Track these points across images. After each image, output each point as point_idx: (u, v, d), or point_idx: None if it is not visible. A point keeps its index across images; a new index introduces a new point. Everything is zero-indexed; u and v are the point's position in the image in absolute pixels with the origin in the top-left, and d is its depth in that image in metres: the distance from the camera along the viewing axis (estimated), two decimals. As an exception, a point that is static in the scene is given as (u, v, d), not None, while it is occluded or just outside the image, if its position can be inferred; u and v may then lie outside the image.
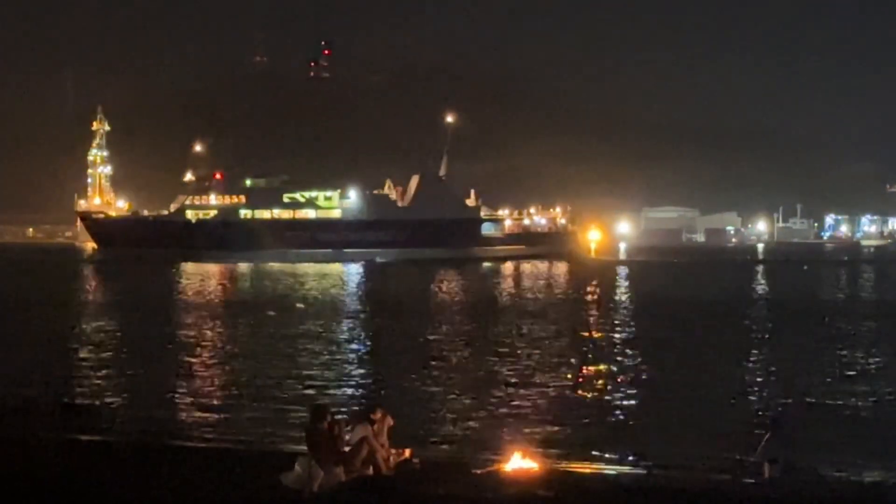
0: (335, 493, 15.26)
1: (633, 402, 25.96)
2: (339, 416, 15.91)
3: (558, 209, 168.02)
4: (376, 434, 15.91)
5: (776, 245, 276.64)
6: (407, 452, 16.33)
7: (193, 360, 34.44)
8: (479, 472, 16.02)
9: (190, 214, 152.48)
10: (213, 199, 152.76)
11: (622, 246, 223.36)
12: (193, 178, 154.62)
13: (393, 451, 16.16)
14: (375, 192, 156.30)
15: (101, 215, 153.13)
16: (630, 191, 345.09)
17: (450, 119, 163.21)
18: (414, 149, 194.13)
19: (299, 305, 59.31)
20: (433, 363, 33.44)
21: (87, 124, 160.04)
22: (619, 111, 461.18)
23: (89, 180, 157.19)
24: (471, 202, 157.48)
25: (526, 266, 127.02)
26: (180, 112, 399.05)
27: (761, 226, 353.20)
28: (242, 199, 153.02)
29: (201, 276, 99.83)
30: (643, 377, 30.25)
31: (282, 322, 48.51)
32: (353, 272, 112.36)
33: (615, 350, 37.62)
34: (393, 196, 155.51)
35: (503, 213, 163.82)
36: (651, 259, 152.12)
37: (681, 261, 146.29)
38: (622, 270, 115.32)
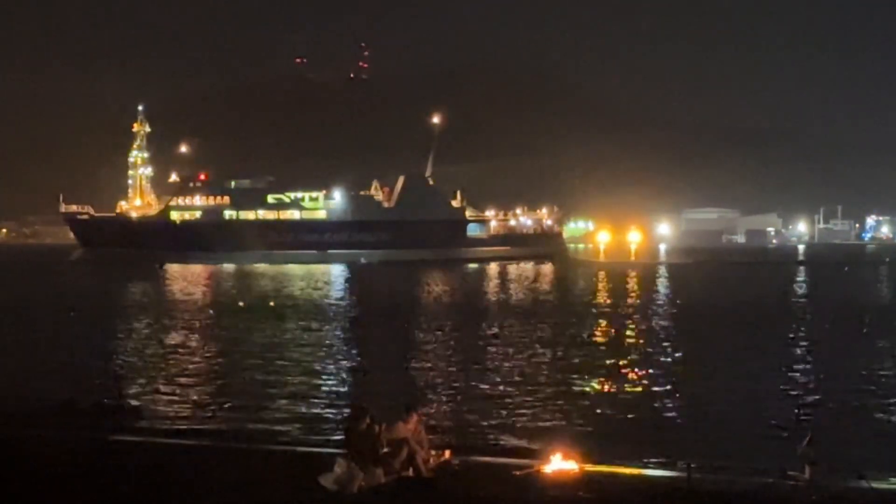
0: (375, 494, 15.13)
1: (673, 403, 25.73)
2: (379, 417, 15.71)
3: (544, 210, 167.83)
4: (415, 435, 15.79)
5: (817, 246, 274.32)
6: (447, 454, 16.21)
7: (222, 360, 34.12)
8: (518, 473, 15.91)
9: (175, 215, 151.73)
10: (198, 199, 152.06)
11: (662, 247, 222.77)
12: (178, 179, 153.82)
13: (433, 452, 16.04)
14: (362, 192, 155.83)
15: (86, 216, 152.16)
16: (670, 192, 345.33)
17: (436, 120, 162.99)
18: (405, 149, 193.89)
19: (277, 308, 59.00)
20: (473, 364, 33.18)
21: (127, 126, 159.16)
22: (658, 112, 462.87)
23: (130, 182, 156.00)
24: (457, 203, 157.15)
25: (512, 267, 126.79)
26: (217, 113, 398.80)
27: (802, 227, 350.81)
28: (227, 199, 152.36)
29: (194, 278, 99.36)
30: (683, 379, 30.00)
31: (309, 324, 48.19)
32: (338, 273, 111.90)
33: (655, 352, 37.34)
34: (378, 197, 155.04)
35: (489, 214, 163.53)
36: (690, 260, 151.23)
37: (720, 262, 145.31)
38: (662, 271, 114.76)
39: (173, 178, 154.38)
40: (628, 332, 43.99)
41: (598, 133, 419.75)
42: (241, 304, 60.47)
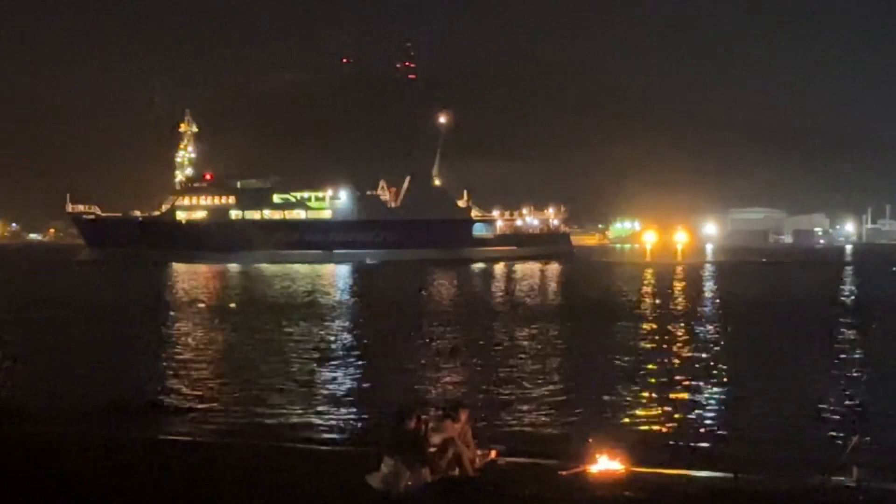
0: (421, 493, 15.08)
1: (720, 403, 25.55)
2: (425, 417, 15.67)
3: (551, 210, 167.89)
4: (462, 435, 15.74)
5: (864, 246, 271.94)
6: (493, 453, 16.16)
7: (266, 359, 34.03)
8: (564, 473, 15.85)
9: (180, 215, 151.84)
10: (204, 199, 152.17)
11: (708, 247, 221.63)
12: (184, 179, 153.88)
13: (479, 452, 15.99)
14: (369, 193, 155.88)
15: (92, 216, 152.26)
16: (717, 192, 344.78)
17: (443, 120, 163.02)
18: (414, 149, 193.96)
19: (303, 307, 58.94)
20: (515, 364, 33.05)
21: (174, 126, 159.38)
22: (705, 112, 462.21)
23: (177, 181, 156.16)
24: (463, 203, 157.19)
25: (519, 266, 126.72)
26: (264, 114, 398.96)
27: (849, 227, 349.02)
28: (232, 199, 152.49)
29: (216, 276, 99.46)
30: (730, 379, 29.78)
31: (343, 324, 48.15)
32: (347, 272, 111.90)
33: (701, 351, 37.03)
34: (385, 197, 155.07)
35: (495, 214, 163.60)
36: (737, 260, 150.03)
37: (767, 262, 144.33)
38: (708, 271, 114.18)
39: (179, 177, 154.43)
40: (674, 332, 43.64)
41: (644, 133, 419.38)
42: (231, 305, 60.42)
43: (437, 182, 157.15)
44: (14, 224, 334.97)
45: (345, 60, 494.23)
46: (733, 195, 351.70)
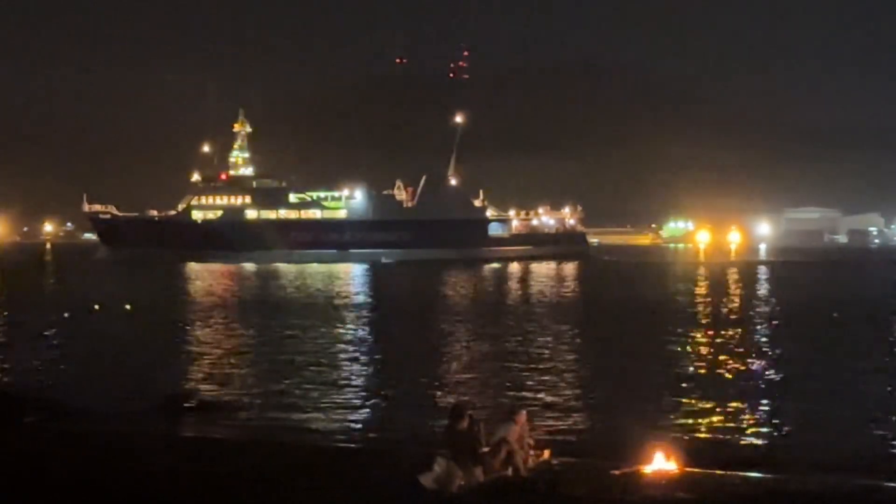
0: (474, 493, 15.01)
1: (776, 404, 25.33)
2: (479, 417, 15.62)
3: (567, 209, 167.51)
4: (517, 435, 15.67)
5: None
6: (546, 453, 16.08)
7: (313, 358, 33.99)
8: (617, 473, 15.78)
9: (196, 215, 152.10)
10: (220, 199, 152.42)
11: (762, 247, 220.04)
12: (200, 178, 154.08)
13: (532, 451, 15.92)
14: (385, 192, 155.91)
15: (109, 216, 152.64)
16: (771, 192, 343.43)
17: (458, 119, 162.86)
18: (429, 149, 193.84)
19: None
20: (567, 364, 33.01)
21: (228, 126, 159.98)
22: (759, 111, 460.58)
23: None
24: (479, 203, 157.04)
25: (536, 266, 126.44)
26: (316, 114, 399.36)
27: None
28: (248, 199, 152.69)
29: (239, 276, 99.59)
30: (786, 380, 29.58)
31: (388, 324, 48.13)
32: (361, 273, 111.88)
33: (758, 351, 36.82)
34: (401, 196, 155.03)
35: (511, 213, 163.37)
36: (791, 259, 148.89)
37: (821, 261, 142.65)
38: (762, 271, 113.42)
39: (195, 177, 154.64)
40: (730, 332, 43.34)
41: (698, 132, 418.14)
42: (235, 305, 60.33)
43: (452, 182, 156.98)
44: (69, 224, 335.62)
45: (399, 61, 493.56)
46: (787, 195, 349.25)
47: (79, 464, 15.27)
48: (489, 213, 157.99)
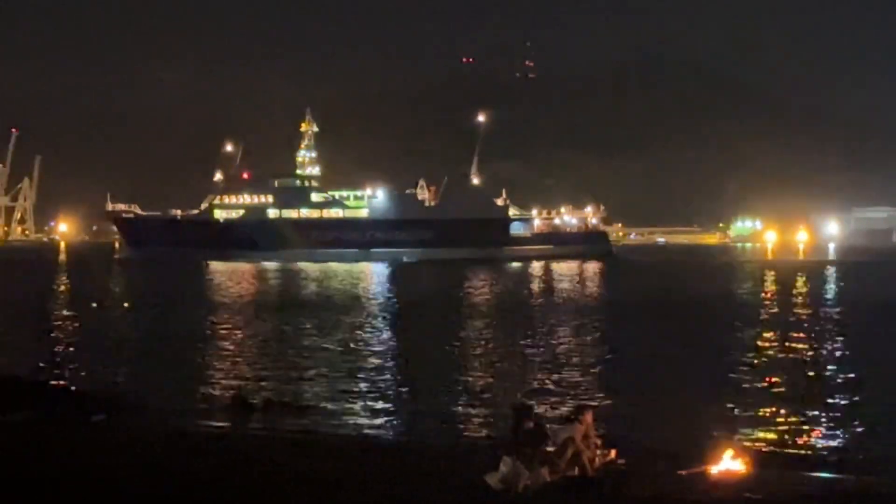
0: (540, 493, 14.89)
1: (845, 404, 25.11)
2: (544, 416, 15.51)
3: (589, 209, 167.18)
4: (583, 434, 15.54)
5: None
6: (612, 453, 15.92)
7: (373, 356, 33.96)
8: (684, 472, 15.62)
9: (218, 214, 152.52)
10: (242, 198, 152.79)
11: (830, 247, 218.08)
12: (222, 178, 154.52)
13: (598, 451, 15.78)
14: (408, 191, 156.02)
15: (131, 215, 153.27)
16: (840, 191, 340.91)
17: (481, 119, 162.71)
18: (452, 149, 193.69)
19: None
20: (630, 363, 32.84)
21: (294, 126, 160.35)
22: (827, 109, 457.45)
23: (297, 181, 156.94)
24: (501, 202, 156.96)
25: (558, 266, 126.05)
26: (383, 114, 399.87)
27: None
28: (270, 198, 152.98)
29: (267, 275, 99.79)
30: (856, 379, 29.22)
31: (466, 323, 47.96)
32: (381, 272, 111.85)
33: (827, 350, 36.57)
34: (423, 196, 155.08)
35: (533, 212, 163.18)
36: (860, 259, 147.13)
37: (891, 261, 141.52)
38: (831, 271, 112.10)
39: (217, 176, 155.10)
40: (799, 332, 42.91)
41: (765, 130, 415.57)
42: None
43: (475, 181, 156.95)
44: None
45: (465, 60, 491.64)
46: (857, 194, 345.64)
47: (161, 461, 15.27)
48: (511, 212, 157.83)
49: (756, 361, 33.03)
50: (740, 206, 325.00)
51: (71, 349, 36.39)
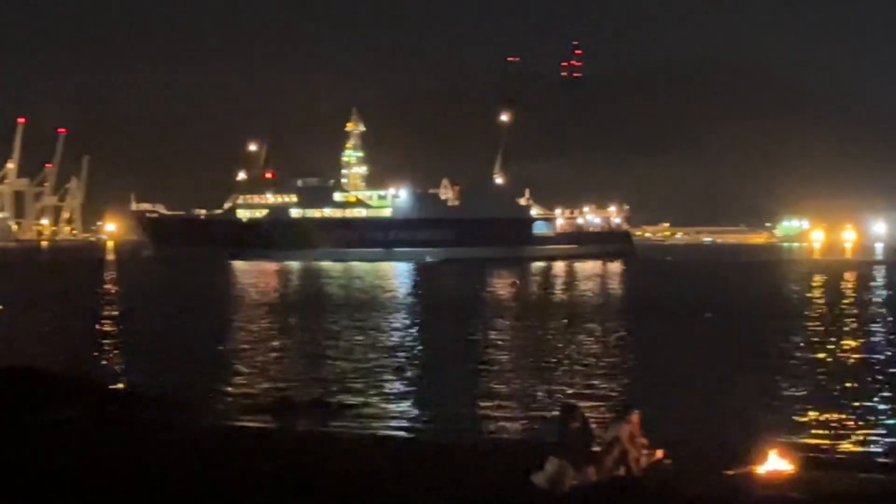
0: (586, 493, 14.89)
1: (894, 404, 25.03)
2: (591, 416, 15.51)
3: (613, 208, 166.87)
4: (630, 434, 15.52)
5: None
6: (659, 453, 15.88)
7: (411, 355, 34.03)
8: (730, 472, 15.59)
9: (241, 213, 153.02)
10: (265, 198, 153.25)
11: (878, 246, 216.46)
12: (246, 177, 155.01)
13: (645, 451, 15.76)
14: (431, 191, 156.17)
15: (156, 214, 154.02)
16: (888, 190, 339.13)
17: (504, 118, 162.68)
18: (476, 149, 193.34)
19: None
20: (675, 362, 32.72)
21: (340, 126, 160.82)
22: (875, 107, 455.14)
23: (344, 181, 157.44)
24: (524, 202, 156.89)
25: (582, 266, 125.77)
26: (429, 114, 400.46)
27: None
28: (294, 198, 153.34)
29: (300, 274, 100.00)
30: None
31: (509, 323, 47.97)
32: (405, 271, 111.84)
33: (876, 350, 36.37)
34: (446, 195, 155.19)
35: (557, 212, 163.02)
36: None
37: None
38: (878, 271, 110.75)
39: (241, 176, 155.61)
40: (846, 331, 42.80)
41: (813, 129, 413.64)
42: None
43: (498, 180, 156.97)
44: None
45: (511, 59, 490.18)
46: None
47: (213, 460, 15.34)
48: (534, 211, 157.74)
49: (803, 361, 32.83)
50: (787, 205, 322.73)
51: (117, 348, 36.58)
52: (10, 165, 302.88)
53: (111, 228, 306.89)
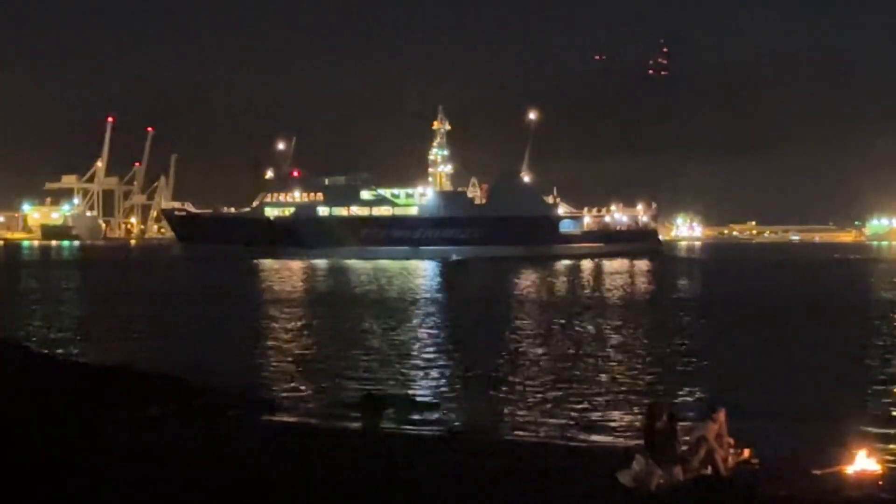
0: (673, 492, 14.78)
1: None
2: (677, 415, 15.39)
3: (640, 206, 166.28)
4: (716, 433, 15.40)
5: None
6: (746, 452, 15.76)
7: (482, 354, 33.73)
8: (818, 472, 15.46)
9: (269, 211, 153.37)
10: (292, 196, 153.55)
11: None
12: (274, 176, 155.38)
13: (732, 450, 15.64)
14: (458, 189, 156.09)
15: (184, 212, 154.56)
16: None
17: (532, 116, 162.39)
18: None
19: None
20: (765, 362, 32.34)
21: (426, 124, 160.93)
22: None
23: (430, 179, 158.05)
24: (551, 200, 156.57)
25: (612, 264, 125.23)
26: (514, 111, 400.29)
27: None
28: (320, 196, 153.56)
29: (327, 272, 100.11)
30: None
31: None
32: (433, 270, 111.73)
33: None
34: (473, 194, 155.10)
35: (584, 210, 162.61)
36: None
37: None
38: None
39: (269, 174, 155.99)
40: None
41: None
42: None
43: (525, 178, 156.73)
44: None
45: (597, 58, 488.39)
46: None
47: (302, 457, 15.31)
48: (561, 210, 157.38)
49: (890, 359, 32.40)
50: (877, 203, 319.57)
51: (198, 345, 36.66)
52: (100, 164, 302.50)
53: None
